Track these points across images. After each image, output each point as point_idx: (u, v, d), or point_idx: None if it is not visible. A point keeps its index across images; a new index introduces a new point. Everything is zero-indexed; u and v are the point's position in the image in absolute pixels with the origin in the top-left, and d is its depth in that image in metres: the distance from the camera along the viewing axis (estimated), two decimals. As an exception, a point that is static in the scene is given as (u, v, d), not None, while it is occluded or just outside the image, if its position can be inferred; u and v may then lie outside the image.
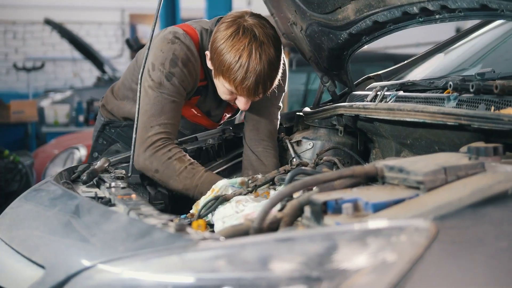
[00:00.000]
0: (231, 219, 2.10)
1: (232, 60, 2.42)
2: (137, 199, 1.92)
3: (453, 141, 2.07)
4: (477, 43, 3.06)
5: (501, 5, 1.87)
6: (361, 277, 1.22)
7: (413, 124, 2.20)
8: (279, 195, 1.57)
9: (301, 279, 1.23)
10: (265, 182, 2.32)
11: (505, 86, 1.86)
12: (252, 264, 1.28)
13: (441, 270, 1.23)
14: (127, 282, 1.37)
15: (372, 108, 2.37)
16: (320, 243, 1.28)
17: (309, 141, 2.87)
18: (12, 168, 6.17)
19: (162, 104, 2.55)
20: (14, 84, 15.44)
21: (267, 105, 2.82)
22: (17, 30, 16.01)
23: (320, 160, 2.60)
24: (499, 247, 1.25)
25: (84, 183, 2.28)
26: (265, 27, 2.48)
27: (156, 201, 2.61)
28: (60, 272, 1.49)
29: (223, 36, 2.46)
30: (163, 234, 1.47)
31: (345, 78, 2.98)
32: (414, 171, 1.54)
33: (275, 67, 2.50)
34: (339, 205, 1.50)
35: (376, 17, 2.44)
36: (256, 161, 2.80)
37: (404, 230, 1.27)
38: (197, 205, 2.31)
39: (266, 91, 2.53)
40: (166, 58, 2.57)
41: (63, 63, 15.98)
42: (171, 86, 2.55)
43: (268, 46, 2.45)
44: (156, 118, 2.54)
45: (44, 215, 1.82)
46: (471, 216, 1.30)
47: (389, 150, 2.58)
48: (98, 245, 1.54)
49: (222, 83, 2.51)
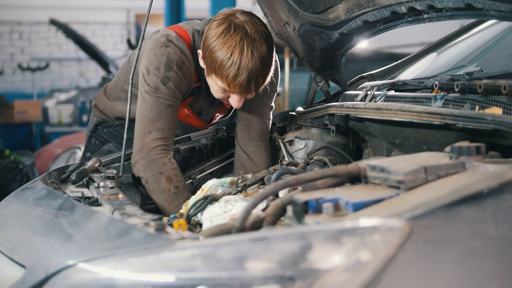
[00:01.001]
0: (219, 218, 2.11)
1: (224, 57, 2.41)
2: (124, 199, 1.93)
3: (440, 140, 2.07)
4: (471, 42, 3.06)
5: (486, 4, 1.87)
6: (334, 277, 1.22)
7: (401, 123, 2.20)
8: (261, 195, 1.58)
9: (275, 279, 1.23)
10: (254, 182, 2.32)
11: (488, 85, 1.86)
12: (227, 264, 1.29)
13: (414, 269, 1.23)
14: (104, 282, 1.38)
15: (361, 108, 2.37)
16: (295, 243, 1.28)
17: (301, 140, 2.87)
18: (13, 168, 6.19)
19: (159, 109, 2.54)
20: (19, 84, 15.50)
21: (259, 104, 2.82)
22: (23, 30, 16.08)
23: (310, 160, 2.60)
24: (472, 246, 1.26)
25: (73, 183, 2.28)
26: (256, 24, 2.48)
27: (148, 201, 2.62)
28: (40, 272, 1.50)
29: (214, 34, 2.46)
30: (142, 233, 1.47)
31: (338, 78, 2.99)
32: (395, 170, 1.54)
33: (267, 63, 2.50)
34: (319, 204, 1.50)
35: (366, 16, 2.45)
36: (247, 160, 2.80)
37: (378, 230, 1.27)
38: (186, 205, 2.31)
39: (258, 88, 2.52)
40: (160, 62, 2.56)
41: (69, 63, 16.04)
42: (167, 90, 2.55)
43: (260, 43, 2.44)
44: (154, 123, 2.54)
45: (28, 215, 1.83)
46: (444, 215, 1.30)
47: (381, 150, 2.58)
48: (77, 244, 1.55)
49: (215, 81, 2.51)
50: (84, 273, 1.43)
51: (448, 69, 2.81)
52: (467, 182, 1.42)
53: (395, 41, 9.59)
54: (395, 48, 9.58)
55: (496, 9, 1.84)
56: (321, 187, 1.67)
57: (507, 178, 1.40)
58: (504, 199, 1.34)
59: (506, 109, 1.83)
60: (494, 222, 1.29)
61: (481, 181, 1.41)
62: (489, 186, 1.36)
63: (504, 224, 1.30)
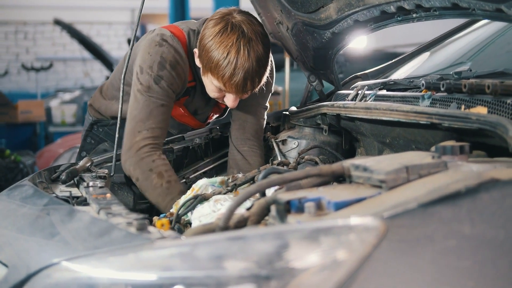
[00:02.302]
0: (208, 218, 2.11)
1: (220, 56, 2.41)
2: (111, 198, 1.93)
3: (428, 140, 2.07)
4: (466, 41, 3.05)
5: (471, 4, 1.87)
6: (310, 276, 1.23)
7: (390, 123, 2.20)
8: (245, 194, 1.58)
9: (250, 278, 1.24)
10: (245, 181, 2.32)
11: (473, 85, 1.86)
12: (204, 263, 1.29)
13: (389, 268, 1.23)
14: (84, 281, 1.38)
15: (351, 107, 2.38)
16: (271, 242, 1.28)
17: (294, 140, 2.88)
18: (13, 167, 6.23)
19: (150, 108, 2.55)
20: (24, 84, 15.54)
21: (254, 104, 2.83)
22: (28, 30, 16.11)
23: (302, 159, 2.61)
24: (447, 245, 1.26)
25: (63, 182, 2.28)
26: (253, 24, 2.48)
27: (141, 200, 2.63)
28: (22, 271, 1.50)
29: (211, 33, 2.45)
30: (122, 233, 1.48)
31: (331, 77, 2.99)
32: (377, 170, 1.54)
33: (264, 63, 2.50)
34: (302, 204, 1.50)
35: (357, 16, 2.45)
36: (241, 160, 2.80)
37: (353, 229, 1.28)
38: (177, 204, 2.32)
39: (254, 88, 2.52)
40: (154, 61, 2.57)
41: (74, 63, 16.07)
42: (160, 90, 2.56)
43: (257, 43, 2.44)
44: (144, 123, 2.54)
45: (13, 214, 1.84)
46: (420, 214, 1.30)
47: (373, 149, 2.59)
48: (59, 244, 1.56)
49: (211, 80, 2.51)
50: (65, 272, 1.43)
51: (442, 68, 2.81)
52: (447, 181, 1.43)
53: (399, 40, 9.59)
54: (399, 47, 9.57)
55: (481, 8, 1.84)
56: (306, 186, 1.67)
57: (486, 177, 1.40)
58: (481, 198, 1.34)
59: (492, 108, 1.83)
60: (470, 221, 1.29)
61: (461, 181, 1.41)
62: (467, 186, 1.37)
63: (479, 223, 1.30)
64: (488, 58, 2.81)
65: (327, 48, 2.80)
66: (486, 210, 1.32)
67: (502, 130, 1.63)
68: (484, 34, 2.97)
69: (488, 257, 1.26)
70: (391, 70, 3.04)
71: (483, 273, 1.25)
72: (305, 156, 2.63)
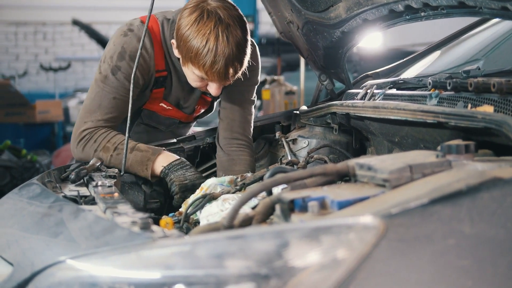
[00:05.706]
0: (215, 217, 2.12)
1: (199, 45, 2.37)
2: (118, 197, 1.94)
3: (436, 139, 2.06)
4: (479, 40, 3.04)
5: (477, 2, 1.86)
6: (309, 274, 1.22)
7: (399, 122, 2.19)
8: (249, 193, 1.58)
9: (250, 277, 1.24)
10: (253, 180, 2.33)
11: (479, 83, 1.85)
12: (204, 262, 1.29)
13: (388, 267, 1.23)
14: (87, 279, 1.39)
15: (360, 106, 2.37)
16: (271, 241, 1.28)
17: (304, 139, 2.88)
18: (30, 167, 6.27)
19: (101, 99, 2.58)
20: (43, 84, 15.65)
21: (240, 100, 2.82)
22: (47, 31, 16.23)
23: (311, 159, 2.60)
24: (447, 244, 1.25)
25: (72, 182, 2.30)
26: (229, 9, 2.43)
27: (152, 199, 2.63)
28: (26, 270, 1.52)
29: (187, 22, 2.41)
30: (125, 232, 1.49)
31: (342, 76, 2.99)
32: (381, 169, 1.54)
33: (243, 47, 2.45)
34: (305, 203, 1.51)
35: (366, 15, 2.45)
36: (227, 162, 2.80)
37: (353, 228, 1.27)
38: (186, 204, 2.33)
39: (236, 73, 2.48)
40: (115, 51, 2.57)
41: (92, 63, 16.15)
42: (115, 81, 2.56)
43: (235, 28, 2.40)
44: (91, 114, 2.58)
45: (20, 213, 1.85)
46: (420, 213, 1.30)
47: (383, 148, 2.58)
48: (63, 242, 1.57)
49: (192, 70, 2.47)
50: (68, 270, 1.44)
51: (455, 66, 2.79)
52: (449, 180, 1.42)
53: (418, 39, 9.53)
54: (417, 46, 9.51)
55: (487, 6, 1.83)
56: (311, 185, 1.67)
57: (488, 176, 1.40)
58: (481, 197, 1.33)
59: (498, 107, 1.82)
60: (470, 220, 1.29)
61: (463, 179, 1.40)
62: (468, 185, 1.36)
63: (479, 222, 1.29)
64: (501, 56, 2.78)
65: (337, 47, 2.80)
66: (486, 209, 1.31)
67: (508, 129, 1.62)
68: (498, 32, 2.95)
69: (488, 256, 1.25)
70: (402, 69, 3.03)
71: (482, 272, 1.24)
72: (315, 155, 2.63)
